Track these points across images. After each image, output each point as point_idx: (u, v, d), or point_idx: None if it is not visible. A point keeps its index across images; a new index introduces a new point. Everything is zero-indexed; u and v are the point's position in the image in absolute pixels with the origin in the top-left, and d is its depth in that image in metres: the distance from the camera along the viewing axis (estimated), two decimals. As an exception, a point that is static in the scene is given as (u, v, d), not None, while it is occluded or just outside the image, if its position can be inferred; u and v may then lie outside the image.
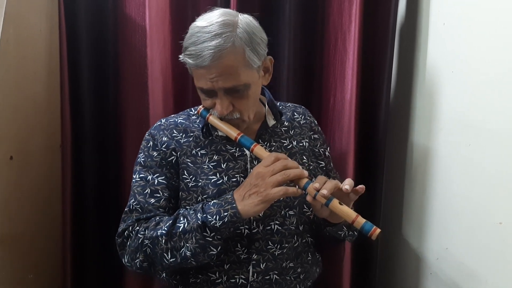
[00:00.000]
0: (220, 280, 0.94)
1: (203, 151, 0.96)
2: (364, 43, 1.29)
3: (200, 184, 0.94)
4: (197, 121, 1.01)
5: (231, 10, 0.92)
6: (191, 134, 0.98)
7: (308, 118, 1.09)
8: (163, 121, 1.02)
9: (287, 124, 1.04)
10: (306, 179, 0.85)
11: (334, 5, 1.31)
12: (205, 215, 0.84)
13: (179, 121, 1.01)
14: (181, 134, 0.99)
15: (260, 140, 0.99)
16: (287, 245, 0.97)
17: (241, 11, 0.93)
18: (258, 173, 0.84)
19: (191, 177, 0.95)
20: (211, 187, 0.93)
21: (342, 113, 1.33)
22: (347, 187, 0.85)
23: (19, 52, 1.14)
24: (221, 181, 0.93)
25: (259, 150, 0.90)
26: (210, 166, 0.95)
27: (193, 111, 1.04)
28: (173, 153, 0.97)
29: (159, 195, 0.94)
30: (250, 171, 0.95)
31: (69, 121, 1.34)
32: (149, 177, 0.95)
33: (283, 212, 0.96)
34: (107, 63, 1.36)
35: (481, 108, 0.96)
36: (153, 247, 0.86)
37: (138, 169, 0.97)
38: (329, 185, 0.84)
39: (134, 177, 0.97)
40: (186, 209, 0.90)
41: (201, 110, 0.96)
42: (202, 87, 0.89)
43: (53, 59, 1.31)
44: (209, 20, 0.86)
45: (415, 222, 1.29)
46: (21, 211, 1.18)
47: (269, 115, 1.01)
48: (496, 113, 0.91)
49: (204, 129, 0.97)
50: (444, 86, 1.12)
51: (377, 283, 1.44)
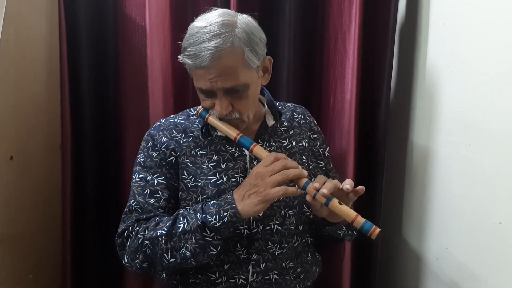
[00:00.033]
0: (219, 280, 0.94)
1: (202, 151, 0.96)
2: (364, 43, 1.29)
3: (199, 184, 0.94)
4: (197, 121, 1.01)
5: (230, 10, 0.92)
6: (191, 134, 0.98)
7: (307, 118, 1.09)
8: (163, 121, 1.02)
9: (286, 124, 1.04)
10: (305, 179, 0.85)
11: (334, 5, 1.31)
12: (204, 215, 0.84)
13: (179, 121, 1.01)
14: (180, 134, 0.99)
15: (259, 140, 0.99)
16: (286, 245, 0.97)
17: (241, 11, 0.93)
18: (257, 173, 0.84)
19: (191, 177, 0.95)
20: (210, 187, 0.93)
21: (342, 113, 1.33)
22: (348, 186, 0.85)
23: (19, 52, 1.14)
24: (220, 181, 0.93)
25: (258, 150, 0.90)
26: (209, 166, 0.95)
27: (193, 111, 1.04)
28: (173, 153, 0.97)
29: (158, 196, 0.94)
30: (249, 171, 0.95)
31: (69, 121, 1.34)
32: (149, 178, 0.95)
33: (283, 212, 0.96)
34: (107, 63, 1.36)
35: (481, 108, 0.96)
36: (153, 248, 0.86)
37: (137, 170, 0.97)
38: (329, 184, 0.84)
39: (133, 177, 0.97)
40: (185, 209, 0.90)
41: (200, 110, 0.96)
42: (201, 88, 0.89)
43: (53, 59, 1.31)
44: (208, 20, 0.86)
45: (415, 222, 1.28)
46: (21, 211, 1.18)
47: (268, 115, 1.01)
48: (496, 113, 0.91)
49: (203, 129, 0.98)
50: (444, 86, 1.12)
51: (377, 283, 1.43)
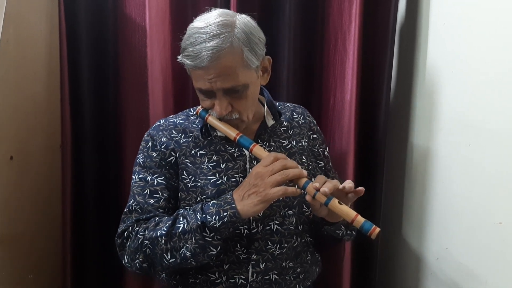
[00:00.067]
0: (219, 280, 0.94)
1: (202, 152, 0.96)
2: (364, 43, 1.29)
3: (199, 184, 0.94)
4: (196, 121, 1.01)
5: (229, 10, 0.92)
6: (190, 134, 0.98)
7: (307, 118, 1.09)
8: (162, 121, 1.02)
9: (286, 124, 1.04)
10: (305, 179, 0.85)
11: (334, 5, 1.31)
12: (204, 215, 0.84)
13: (178, 121, 1.01)
14: (180, 134, 0.98)
15: (259, 140, 0.98)
16: (286, 245, 0.97)
17: (241, 11, 0.94)
18: (257, 173, 0.84)
19: (190, 177, 0.95)
20: (210, 187, 0.93)
21: (342, 113, 1.33)
22: (350, 185, 0.85)
23: (19, 52, 1.14)
24: (220, 181, 0.93)
25: (258, 150, 0.90)
26: (209, 166, 0.95)
27: (192, 111, 1.04)
28: (172, 153, 0.97)
29: (158, 196, 0.94)
30: (249, 171, 0.95)
31: (69, 121, 1.34)
32: (149, 178, 0.95)
33: (283, 212, 0.96)
34: (107, 63, 1.36)
35: (481, 108, 0.96)
36: (153, 248, 0.86)
37: (137, 170, 0.97)
38: (329, 184, 0.84)
39: (133, 177, 0.97)
40: (185, 209, 0.90)
41: (200, 110, 0.96)
42: (200, 88, 0.89)
43: (53, 59, 1.31)
44: (206, 20, 0.86)
45: (415, 222, 1.28)
46: (21, 211, 1.18)
47: (268, 115, 1.01)
48: (496, 113, 0.91)
49: (203, 130, 0.97)
50: (444, 86, 1.12)
51: (377, 283, 1.43)
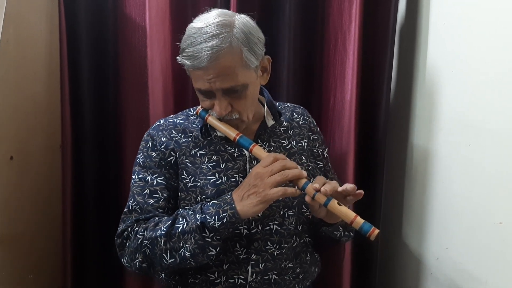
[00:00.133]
0: (219, 280, 0.94)
1: (202, 152, 0.96)
2: (364, 43, 1.29)
3: (199, 184, 0.94)
4: (196, 121, 1.01)
5: (228, 10, 0.92)
6: (190, 134, 0.98)
7: (307, 118, 1.09)
8: (162, 121, 1.02)
9: (286, 124, 1.04)
10: (305, 179, 0.85)
11: (334, 5, 1.31)
12: (204, 215, 0.84)
13: (178, 121, 1.01)
14: (180, 134, 0.98)
15: (259, 140, 0.98)
16: (286, 245, 0.97)
17: (241, 11, 0.93)
18: (257, 173, 0.84)
19: (190, 177, 0.95)
20: (210, 188, 0.93)
21: (342, 113, 1.33)
22: (352, 186, 0.85)
23: (19, 52, 1.14)
24: (220, 182, 0.93)
25: (258, 150, 0.90)
26: (209, 166, 0.95)
27: (192, 111, 1.04)
28: (172, 153, 0.97)
29: (158, 196, 0.94)
30: (249, 171, 0.95)
31: (69, 121, 1.34)
32: (148, 178, 0.95)
33: (282, 212, 0.96)
34: (107, 63, 1.36)
35: (481, 108, 0.96)
36: (152, 248, 0.86)
37: (137, 170, 0.97)
38: (328, 185, 0.84)
39: (133, 177, 0.97)
40: (185, 209, 0.90)
41: (200, 110, 0.96)
42: (200, 88, 0.89)
43: (53, 59, 1.31)
44: (205, 21, 0.86)
45: (415, 222, 1.28)
46: (21, 211, 1.18)
47: (268, 115, 1.01)
48: (496, 113, 0.91)
49: (203, 130, 0.97)
50: (444, 86, 1.12)
51: (377, 283, 1.43)
